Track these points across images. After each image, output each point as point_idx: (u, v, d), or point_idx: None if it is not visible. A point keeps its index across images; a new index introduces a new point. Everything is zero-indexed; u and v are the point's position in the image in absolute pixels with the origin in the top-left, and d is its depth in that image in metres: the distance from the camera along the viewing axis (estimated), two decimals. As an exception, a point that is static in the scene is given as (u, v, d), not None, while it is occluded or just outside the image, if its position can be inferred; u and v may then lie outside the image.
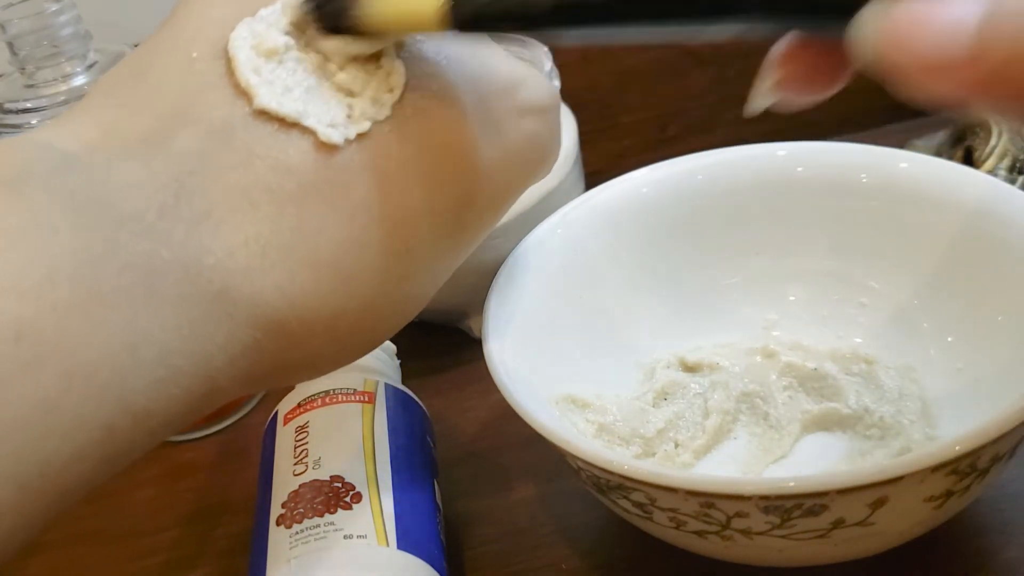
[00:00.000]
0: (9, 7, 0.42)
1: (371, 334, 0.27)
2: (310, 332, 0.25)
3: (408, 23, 0.25)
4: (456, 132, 0.27)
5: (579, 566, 0.35)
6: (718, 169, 0.40)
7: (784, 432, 0.36)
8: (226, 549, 0.39)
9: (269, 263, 0.24)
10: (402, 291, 0.27)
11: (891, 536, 0.29)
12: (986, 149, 0.45)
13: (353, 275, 0.25)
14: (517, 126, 0.29)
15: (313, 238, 0.25)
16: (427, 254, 0.27)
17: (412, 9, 0.25)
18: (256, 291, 0.24)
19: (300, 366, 0.26)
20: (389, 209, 0.26)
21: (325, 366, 0.28)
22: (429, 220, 0.27)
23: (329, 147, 0.25)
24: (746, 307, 0.40)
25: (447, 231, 0.27)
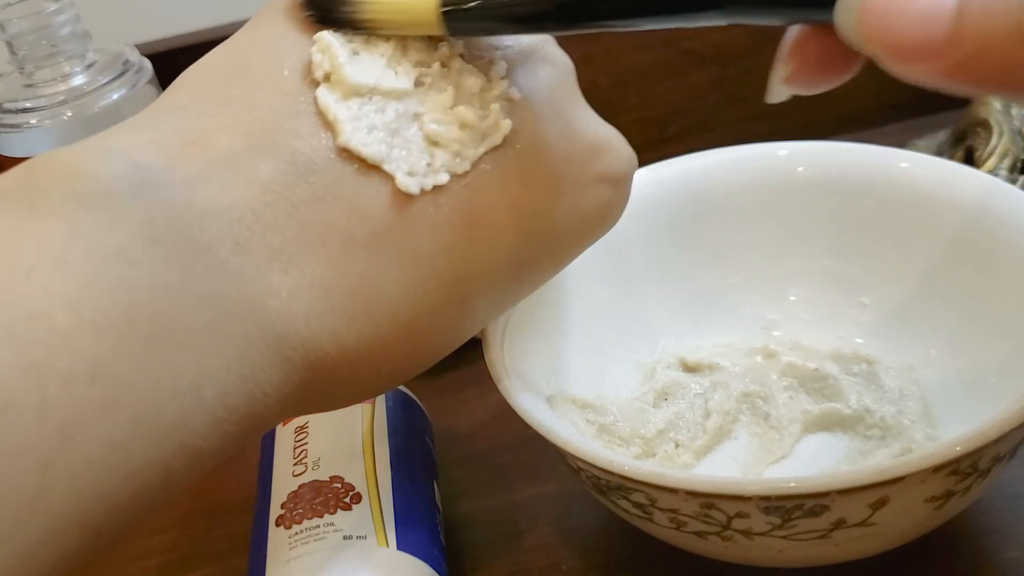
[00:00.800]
0: (8, 7, 0.42)
1: (408, 373, 0.27)
2: (354, 374, 0.25)
3: (403, 20, 0.25)
4: (530, 194, 0.27)
5: (579, 566, 0.35)
6: (718, 169, 0.40)
7: (785, 432, 0.36)
8: (224, 550, 0.39)
9: (330, 308, 0.24)
10: (449, 338, 0.27)
11: (892, 536, 0.29)
12: (987, 149, 0.45)
13: (407, 324, 0.25)
14: (591, 193, 0.29)
15: (376, 286, 0.24)
16: (481, 306, 0.27)
17: (409, 9, 0.25)
18: (314, 335, 0.24)
19: (337, 400, 0.27)
20: (453, 264, 0.26)
21: (358, 400, 0.28)
22: (489, 276, 0.27)
23: (405, 196, 0.25)
24: (746, 307, 0.40)
25: (504, 286, 0.27)
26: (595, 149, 0.29)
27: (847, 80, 0.23)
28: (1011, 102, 0.45)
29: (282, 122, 0.24)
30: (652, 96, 0.59)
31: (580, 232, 0.29)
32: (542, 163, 0.27)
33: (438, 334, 0.26)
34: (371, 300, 0.24)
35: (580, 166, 0.28)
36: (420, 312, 0.25)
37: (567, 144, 0.28)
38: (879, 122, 0.58)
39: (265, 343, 0.23)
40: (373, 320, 0.24)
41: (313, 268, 0.24)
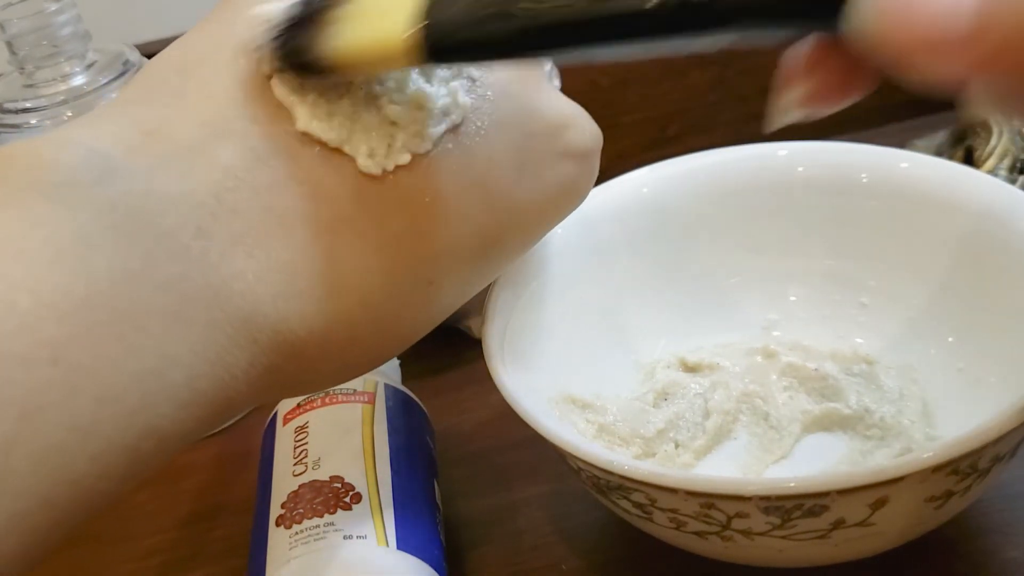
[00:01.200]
0: (9, 7, 0.42)
1: (379, 354, 0.27)
2: (325, 356, 0.25)
3: (374, 58, 0.24)
4: (494, 171, 0.27)
5: (579, 566, 0.35)
6: (718, 169, 0.40)
7: (784, 432, 0.36)
8: (225, 550, 0.39)
9: (297, 290, 0.24)
10: (418, 318, 0.27)
11: (891, 536, 0.29)
12: (986, 149, 0.45)
13: (375, 305, 0.25)
14: (555, 169, 0.29)
15: (343, 268, 0.24)
16: (449, 285, 0.27)
17: (377, 43, 0.24)
18: (282, 318, 0.24)
19: (308, 384, 0.27)
20: (419, 243, 0.26)
21: (329, 384, 0.28)
22: (457, 255, 0.27)
23: (367, 177, 0.25)
24: (746, 307, 0.40)
25: (472, 265, 0.27)
26: (558, 124, 0.29)
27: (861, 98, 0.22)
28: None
29: (241, 110, 0.24)
30: (652, 96, 0.59)
31: (547, 209, 0.29)
32: (505, 140, 0.27)
33: (407, 316, 0.26)
34: (339, 282, 0.24)
35: (543, 142, 0.28)
36: (389, 293, 0.25)
37: (529, 120, 0.28)
38: (879, 122, 0.57)
39: (231, 327, 0.23)
40: (342, 302, 0.25)
41: (278, 252, 0.24)
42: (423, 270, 0.26)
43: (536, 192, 0.28)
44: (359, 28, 0.24)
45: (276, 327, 0.24)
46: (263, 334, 0.23)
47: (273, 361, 0.24)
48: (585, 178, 0.30)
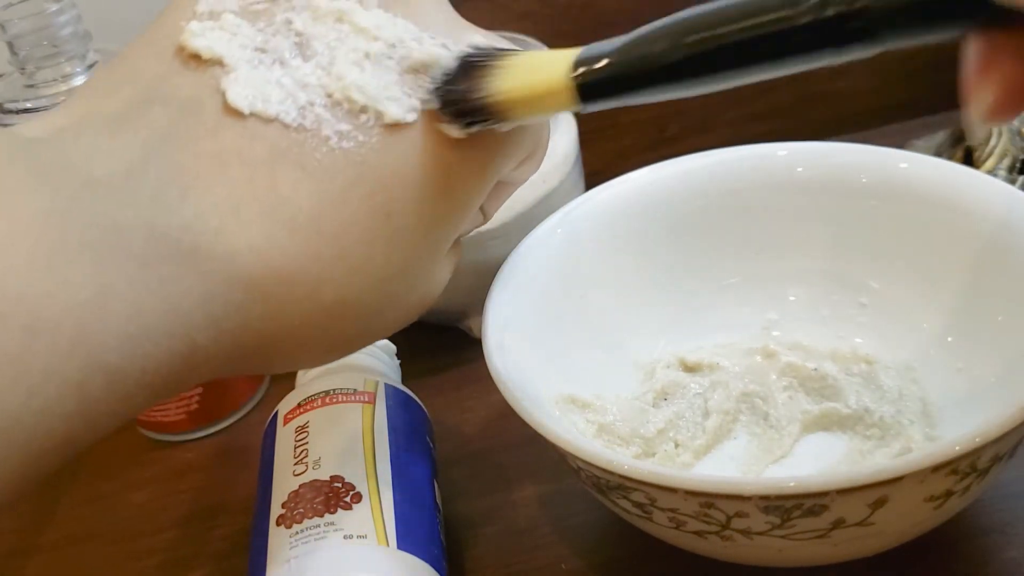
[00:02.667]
0: (9, 7, 0.42)
1: (365, 316, 0.27)
2: (291, 295, 0.25)
3: (537, 100, 0.26)
4: None
5: (579, 566, 0.35)
6: (718, 169, 0.40)
7: (784, 432, 0.36)
8: (224, 550, 0.39)
9: (242, 224, 0.24)
10: (389, 261, 0.26)
11: (891, 536, 0.29)
12: (986, 149, 0.45)
13: (333, 237, 0.25)
14: None
15: (287, 199, 0.24)
16: (413, 221, 0.26)
17: (540, 84, 0.25)
18: (230, 250, 0.24)
19: (289, 342, 0.26)
20: (364, 171, 0.25)
21: (317, 349, 0.27)
22: (409, 184, 0.26)
23: None
24: (746, 307, 0.40)
25: (432, 199, 0.27)
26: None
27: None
28: None
29: (166, 80, 0.25)
30: (652, 96, 0.59)
31: (506, 143, 0.28)
32: None
33: (376, 253, 0.26)
34: (286, 213, 0.24)
35: None
36: (344, 224, 0.25)
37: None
38: (879, 122, 0.58)
39: (174, 260, 0.23)
40: (295, 234, 0.24)
41: (215, 190, 0.24)
42: (378, 199, 0.26)
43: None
44: (521, 74, 0.26)
45: (225, 258, 0.24)
46: (212, 267, 0.23)
47: (233, 298, 0.24)
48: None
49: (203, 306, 0.23)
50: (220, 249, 0.24)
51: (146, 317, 0.22)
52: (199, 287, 0.23)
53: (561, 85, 0.25)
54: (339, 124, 0.25)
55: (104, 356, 0.21)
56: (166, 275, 0.22)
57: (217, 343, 0.24)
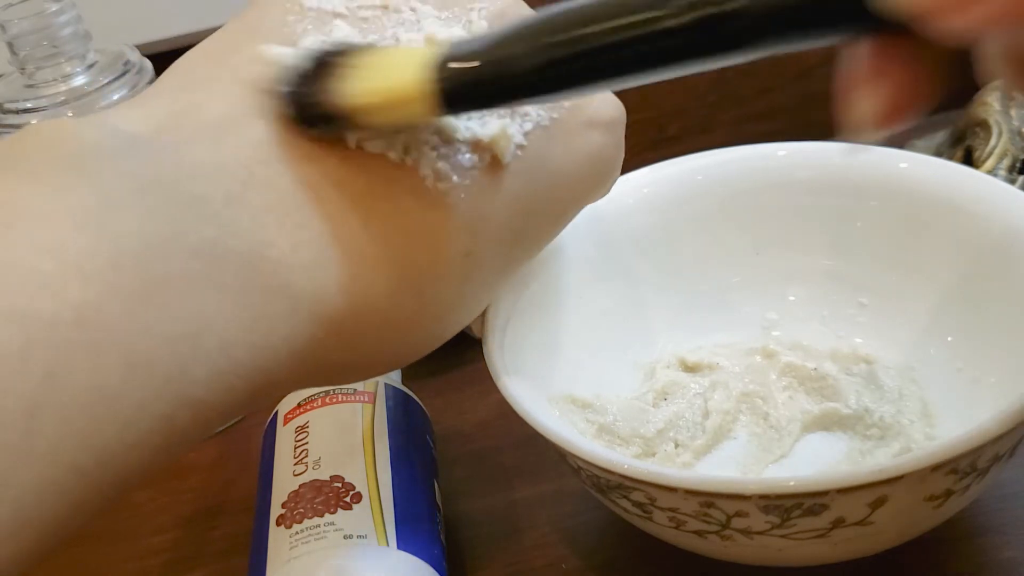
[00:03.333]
0: (9, 7, 0.42)
1: (421, 337, 0.27)
2: (364, 332, 0.25)
3: (389, 105, 0.24)
4: (527, 142, 0.27)
5: (579, 566, 0.35)
6: (718, 169, 0.40)
7: (784, 432, 0.36)
8: (225, 550, 0.39)
9: (332, 260, 0.24)
10: (459, 296, 0.27)
11: (891, 536, 0.29)
12: (986, 149, 0.45)
13: (413, 276, 0.25)
14: (584, 138, 0.29)
15: (377, 238, 0.24)
16: (487, 260, 0.27)
17: (392, 89, 0.23)
18: (318, 287, 0.23)
19: (350, 370, 0.26)
20: (455, 213, 0.25)
21: (371, 372, 0.27)
22: (494, 224, 0.27)
23: None
24: (746, 307, 0.40)
25: (510, 236, 0.27)
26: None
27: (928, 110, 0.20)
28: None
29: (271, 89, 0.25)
30: (652, 96, 0.59)
31: (579, 180, 0.29)
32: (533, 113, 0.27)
33: (447, 292, 0.26)
34: (374, 252, 0.24)
35: (570, 113, 0.28)
36: (425, 262, 0.25)
37: None
38: (879, 122, 0.58)
39: (267, 295, 0.22)
40: (380, 272, 0.24)
41: (311, 221, 0.23)
42: (460, 241, 0.26)
43: (567, 162, 0.28)
44: (375, 77, 0.24)
45: (314, 296, 0.23)
46: (301, 304, 0.23)
47: (314, 334, 0.23)
48: (612, 148, 0.30)
49: (288, 342, 0.23)
50: (311, 286, 0.23)
51: (235, 352, 0.22)
52: (286, 323, 0.23)
53: (416, 91, 0.23)
54: (437, 163, 0.25)
55: (193, 391, 0.21)
56: (259, 310, 0.22)
57: (293, 375, 0.24)
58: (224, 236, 0.22)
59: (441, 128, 0.26)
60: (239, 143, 0.23)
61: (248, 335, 0.22)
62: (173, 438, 0.21)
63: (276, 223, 0.23)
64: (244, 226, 0.22)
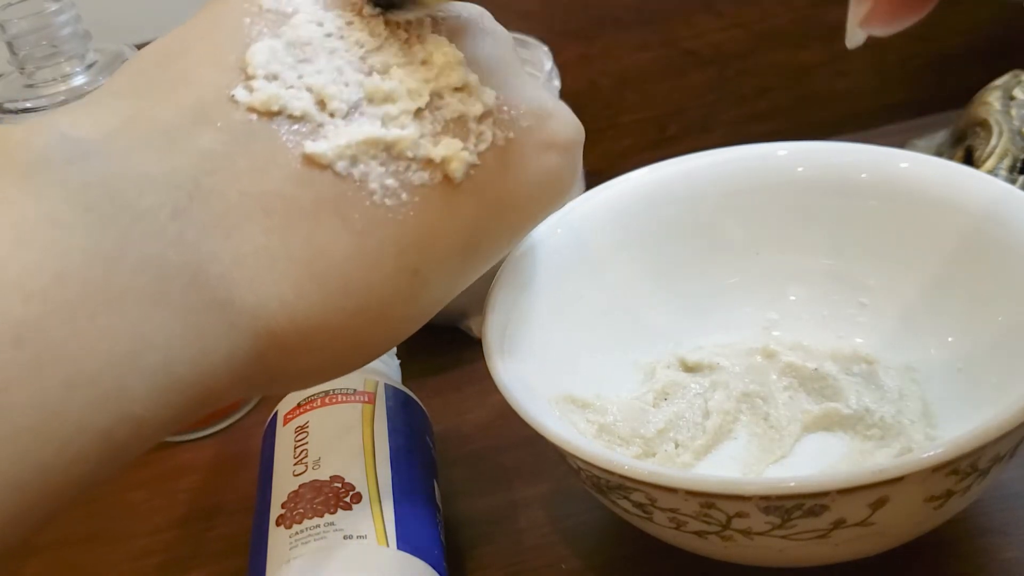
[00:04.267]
0: (9, 7, 0.42)
1: (368, 350, 0.27)
2: (308, 347, 0.25)
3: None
4: (479, 161, 0.27)
5: (579, 566, 0.35)
6: (718, 169, 0.40)
7: (784, 432, 0.36)
8: (223, 551, 0.39)
9: (277, 275, 0.24)
10: (406, 312, 0.27)
11: (891, 536, 0.29)
12: (986, 149, 0.45)
13: (359, 293, 0.25)
14: (540, 160, 0.29)
15: (323, 253, 0.24)
16: (435, 277, 0.27)
17: None
18: (260, 303, 0.23)
19: (296, 378, 0.26)
20: (403, 231, 0.25)
21: (320, 378, 0.27)
22: (442, 245, 0.26)
23: None
24: (746, 307, 0.40)
25: (458, 256, 0.27)
26: (540, 115, 0.29)
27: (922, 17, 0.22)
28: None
29: (221, 95, 0.24)
30: (652, 96, 0.59)
31: (533, 200, 0.29)
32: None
33: (394, 308, 0.26)
34: (319, 268, 0.24)
35: (526, 133, 0.28)
36: (373, 282, 0.25)
37: (511, 111, 0.28)
38: (879, 122, 0.58)
39: (209, 310, 0.22)
40: (324, 289, 0.24)
41: (256, 235, 0.23)
42: (408, 259, 0.26)
43: (521, 183, 0.28)
44: None
45: (255, 312, 0.23)
46: (242, 319, 0.23)
47: (256, 348, 0.24)
48: (568, 170, 0.30)
49: (227, 358, 0.23)
50: (252, 300, 0.23)
51: (176, 369, 0.22)
52: (227, 339, 0.23)
53: None
54: (387, 179, 0.25)
55: (133, 408, 0.21)
56: (200, 327, 0.22)
57: (231, 386, 0.24)
58: (169, 251, 0.22)
59: (391, 144, 0.26)
60: (187, 152, 0.23)
61: (190, 351, 0.22)
62: (112, 452, 0.21)
63: (221, 236, 0.23)
64: (189, 240, 0.22)
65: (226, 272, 0.23)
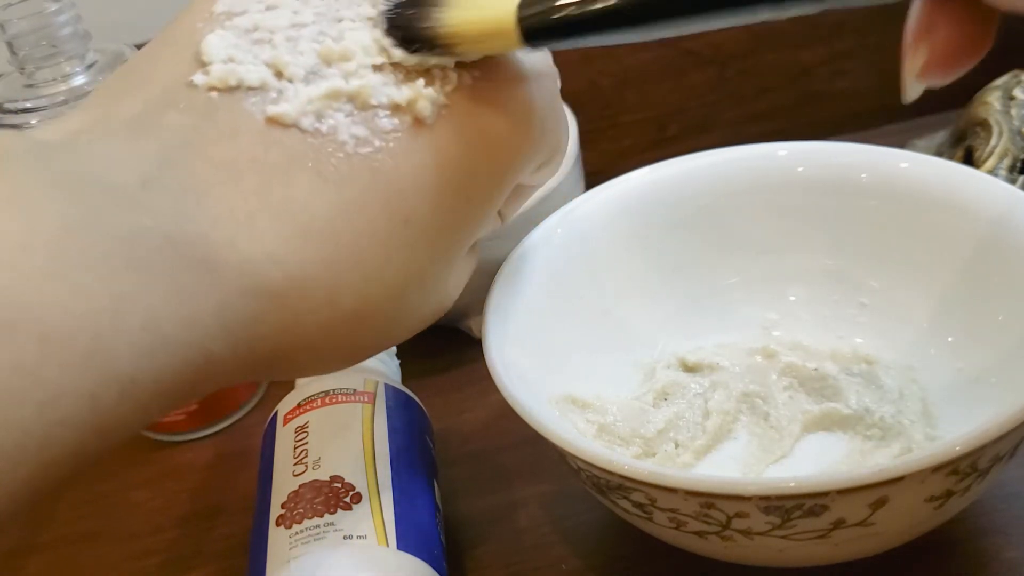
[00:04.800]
0: (9, 7, 0.42)
1: (382, 324, 0.27)
2: (307, 304, 0.24)
3: (483, 37, 0.26)
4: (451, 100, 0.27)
5: (579, 566, 0.35)
6: (718, 169, 0.40)
7: (784, 432, 0.36)
8: (223, 550, 0.39)
9: (257, 232, 0.24)
10: (408, 270, 0.26)
11: (891, 536, 0.29)
12: (986, 149, 0.45)
13: (350, 245, 0.25)
14: (510, 93, 0.28)
15: (303, 207, 0.24)
16: (431, 226, 0.26)
17: (488, 21, 0.25)
18: (244, 259, 0.23)
19: (305, 352, 0.26)
20: (383, 179, 0.25)
21: (332, 358, 0.27)
22: (428, 187, 0.26)
23: None
24: (746, 307, 0.40)
25: (449, 201, 0.27)
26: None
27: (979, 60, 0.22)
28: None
29: (181, 84, 0.25)
30: (652, 96, 0.59)
31: (513, 135, 0.28)
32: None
33: (391, 260, 0.26)
34: (303, 222, 0.24)
35: (492, 69, 0.28)
36: (361, 230, 0.25)
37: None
38: (879, 122, 0.58)
39: (190, 269, 0.22)
40: (313, 242, 0.24)
41: (230, 197, 0.24)
42: (394, 206, 0.25)
43: (496, 118, 0.28)
44: (471, 8, 0.26)
45: (241, 268, 0.23)
46: (227, 275, 0.23)
47: (250, 307, 0.23)
48: (543, 99, 0.29)
49: (218, 316, 0.23)
50: (235, 257, 0.23)
51: (161, 327, 0.22)
52: (215, 296, 0.23)
53: (508, 25, 0.25)
54: (356, 128, 0.25)
55: (118, 367, 0.21)
56: (182, 285, 0.22)
57: (233, 352, 0.24)
58: (141, 217, 0.22)
59: (354, 95, 0.26)
60: (153, 133, 0.24)
61: (176, 310, 0.22)
62: (102, 417, 0.21)
63: (194, 202, 0.23)
64: (161, 206, 0.23)
65: (204, 232, 0.23)
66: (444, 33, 0.26)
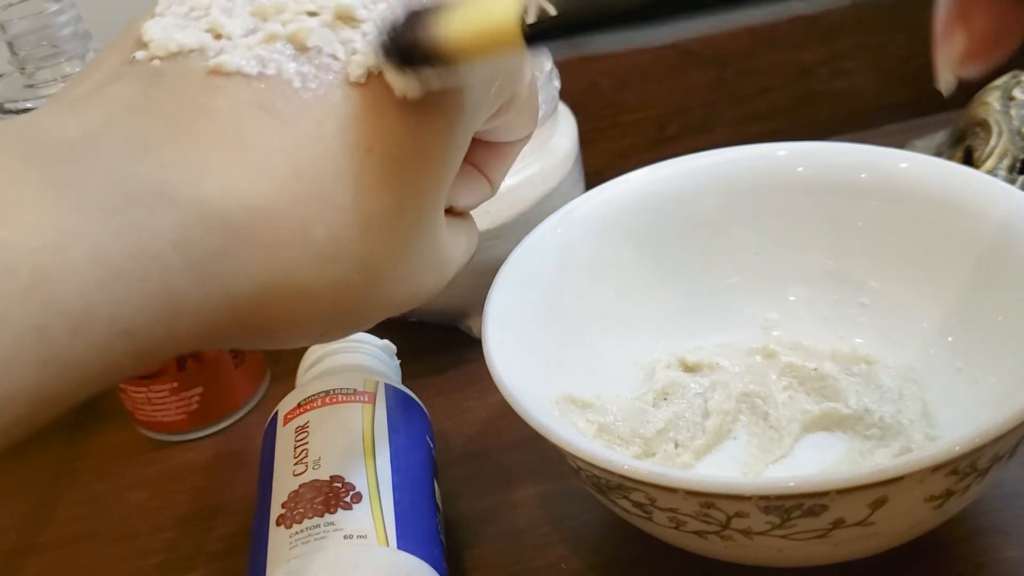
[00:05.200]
0: (9, 7, 0.42)
1: (369, 267, 0.26)
2: (279, 238, 0.24)
3: (486, 45, 0.25)
4: None
5: (579, 566, 0.35)
6: (718, 169, 0.40)
7: (784, 432, 0.36)
8: (223, 550, 0.39)
9: (211, 169, 0.23)
10: (382, 202, 0.26)
11: (891, 536, 0.29)
12: (986, 149, 0.45)
13: (311, 175, 0.24)
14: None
15: (256, 143, 0.24)
16: (393, 153, 0.26)
17: (490, 26, 0.25)
18: (200, 194, 0.23)
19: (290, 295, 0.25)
20: (335, 107, 0.25)
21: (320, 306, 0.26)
22: (385, 113, 0.26)
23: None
24: (746, 307, 0.40)
25: (411, 128, 0.26)
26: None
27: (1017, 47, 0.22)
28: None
29: (125, 62, 0.26)
30: (652, 96, 0.59)
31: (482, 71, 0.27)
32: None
33: (363, 189, 0.25)
34: (257, 158, 0.24)
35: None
36: (323, 162, 0.25)
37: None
38: (879, 122, 0.58)
39: (140, 204, 0.22)
40: (271, 175, 0.24)
41: (181, 140, 0.24)
42: (352, 135, 0.25)
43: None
44: (469, 16, 0.25)
45: (194, 199, 0.23)
46: (182, 207, 0.23)
47: (213, 241, 0.23)
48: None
49: (178, 249, 0.22)
50: (190, 192, 0.23)
51: (114, 261, 0.21)
52: (170, 231, 0.22)
53: (511, 29, 0.24)
54: (303, 67, 0.25)
55: (67, 299, 0.21)
56: (133, 219, 0.22)
57: (204, 292, 0.23)
58: (80, 161, 0.22)
59: (293, 36, 0.26)
60: (99, 101, 0.24)
61: (124, 245, 0.22)
62: (56, 352, 0.21)
63: (142, 148, 0.23)
64: (104, 151, 0.23)
65: (153, 172, 0.23)
66: (444, 47, 0.25)
